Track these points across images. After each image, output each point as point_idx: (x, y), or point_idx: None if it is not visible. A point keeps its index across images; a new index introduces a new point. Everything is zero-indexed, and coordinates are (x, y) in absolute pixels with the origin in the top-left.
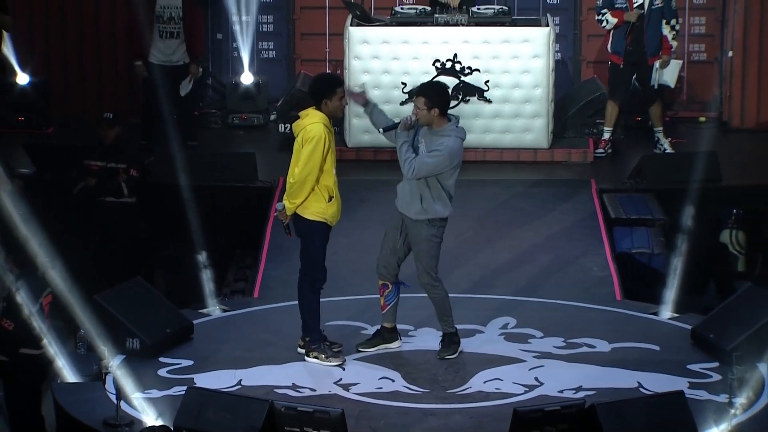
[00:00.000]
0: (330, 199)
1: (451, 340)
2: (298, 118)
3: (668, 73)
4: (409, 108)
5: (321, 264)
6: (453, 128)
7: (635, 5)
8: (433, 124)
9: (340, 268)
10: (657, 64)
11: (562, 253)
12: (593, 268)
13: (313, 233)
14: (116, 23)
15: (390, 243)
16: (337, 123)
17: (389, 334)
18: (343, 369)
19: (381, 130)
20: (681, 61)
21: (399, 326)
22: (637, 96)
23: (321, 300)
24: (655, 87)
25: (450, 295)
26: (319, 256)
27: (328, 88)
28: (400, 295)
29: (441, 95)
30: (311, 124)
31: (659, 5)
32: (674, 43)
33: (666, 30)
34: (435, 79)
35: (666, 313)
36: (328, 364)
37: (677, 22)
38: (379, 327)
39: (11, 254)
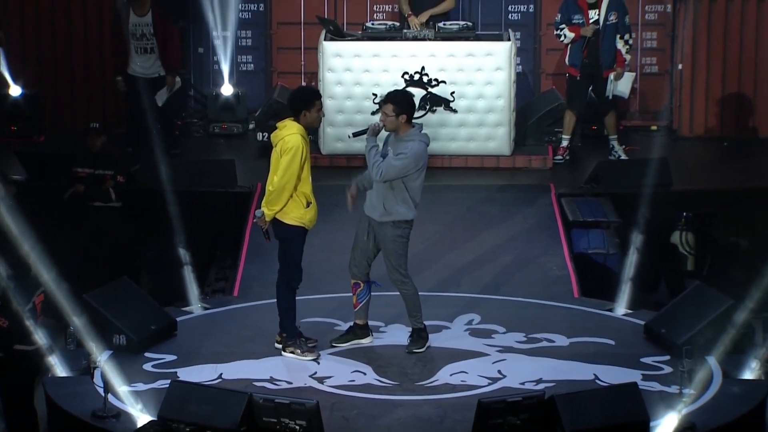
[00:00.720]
0: (308, 204)
1: (419, 336)
2: (276, 127)
3: (622, 85)
4: (379, 118)
5: (298, 266)
6: (417, 133)
7: (591, 21)
8: (399, 130)
9: (315, 269)
10: (612, 76)
11: (523, 253)
12: (552, 267)
13: (292, 237)
14: (103, 39)
15: (360, 244)
16: (312, 132)
17: (361, 331)
18: (318, 363)
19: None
20: (634, 74)
21: (370, 323)
22: (593, 106)
23: (297, 298)
24: (610, 98)
25: (419, 293)
26: (296, 258)
27: (308, 100)
28: (372, 294)
29: (407, 103)
30: (289, 134)
31: (613, 21)
32: (627, 57)
33: (620, 44)
34: (401, 89)
35: (620, 309)
36: (304, 358)
37: (630, 37)
38: (351, 324)
39: (4, 255)
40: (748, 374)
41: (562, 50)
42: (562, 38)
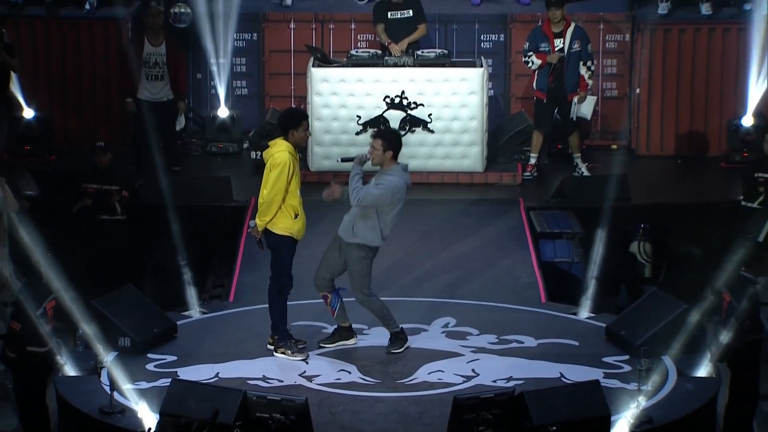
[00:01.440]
0: (296, 216)
1: (397, 338)
2: (268, 146)
3: (585, 108)
4: (363, 138)
5: (288, 273)
6: (400, 171)
7: (557, 49)
8: (384, 164)
9: (303, 277)
10: (575, 99)
11: (494, 261)
12: (521, 274)
13: (281, 246)
14: (109, 66)
15: (328, 260)
16: (301, 150)
17: (346, 332)
18: (307, 363)
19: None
20: (596, 97)
21: (355, 326)
22: (558, 127)
23: (288, 303)
24: (574, 119)
25: (397, 298)
26: (286, 266)
27: (295, 120)
28: (350, 299)
29: (396, 141)
30: (278, 152)
31: (577, 49)
32: (590, 82)
33: (583, 70)
34: (392, 128)
35: (584, 313)
36: (294, 358)
37: (592, 64)
38: (336, 326)
39: (18, 265)
40: (701, 372)
41: (530, 76)
42: (530, 65)
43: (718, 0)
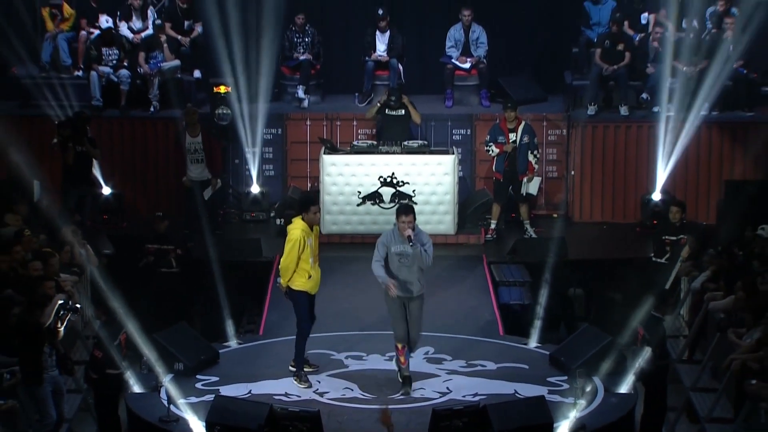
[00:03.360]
0: (309, 277)
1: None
2: (292, 216)
3: (532, 186)
4: (363, 208)
5: (305, 318)
6: (420, 229)
7: (511, 141)
8: (414, 228)
9: (320, 314)
10: (525, 179)
11: (464, 303)
12: (484, 313)
13: (298, 299)
14: (168, 152)
15: (402, 317)
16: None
17: (409, 380)
18: (319, 383)
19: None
20: (540, 177)
21: (353, 353)
22: (512, 200)
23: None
24: (524, 194)
25: (388, 332)
26: (303, 313)
27: (306, 206)
28: (357, 332)
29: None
30: (293, 229)
31: (526, 141)
32: (536, 166)
33: (531, 157)
34: (407, 202)
35: (532, 343)
36: (301, 386)
37: (538, 152)
38: (407, 375)
39: (98, 307)
40: (623, 389)
41: (490, 161)
42: (490, 152)
43: (633, 104)
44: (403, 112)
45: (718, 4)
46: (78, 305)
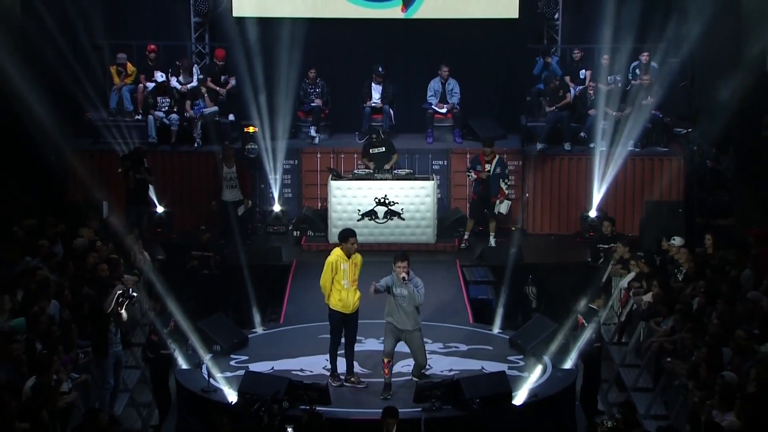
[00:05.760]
0: (339, 299)
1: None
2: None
3: (503, 206)
4: (362, 223)
5: (334, 332)
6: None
7: (486, 170)
8: (408, 273)
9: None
10: (498, 201)
11: (441, 298)
12: (458, 306)
13: (331, 317)
14: (209, 181)
15: (392, 340)
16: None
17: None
18: (326, 360)
19: (392, 288)
20: (510, 202)
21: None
22: (485, 217)
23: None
24: (497, 213)
25: (380, 321)
26: (334, 328)
27: (344, 238)
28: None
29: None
30: (330, 254)
31: (498, 172)
32: (507, 191)
33: (502, 184)
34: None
35: (496, 329)
36: (332, 384)
37: (509, 180)
38: (389, 382)
39: (153, 301)
40: (567, 366)
41: (464, 185)
42: (470, 177)
43: (574, 141)
44: (384, 149)
45: (642, 56)
46: (135, 293)
